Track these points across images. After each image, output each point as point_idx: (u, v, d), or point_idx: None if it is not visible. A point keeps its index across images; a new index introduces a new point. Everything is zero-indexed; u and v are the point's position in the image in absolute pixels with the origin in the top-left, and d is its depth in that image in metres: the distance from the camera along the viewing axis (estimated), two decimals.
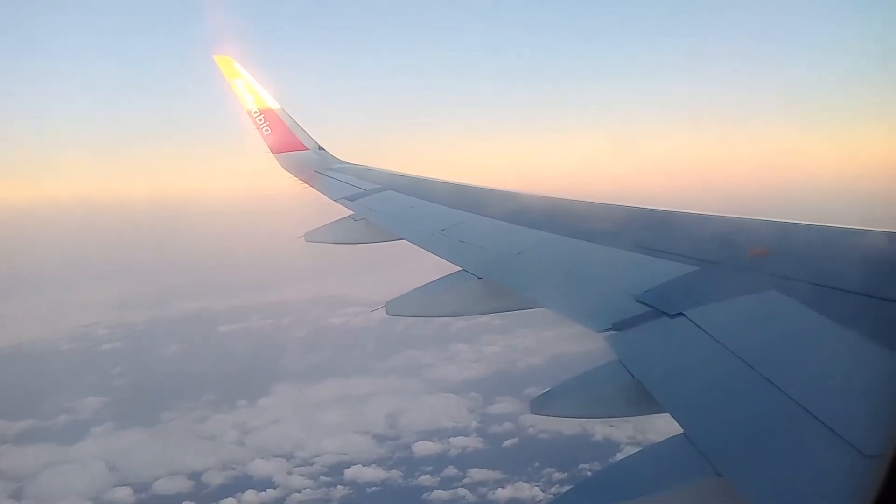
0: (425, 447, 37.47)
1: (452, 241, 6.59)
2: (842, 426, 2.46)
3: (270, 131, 11.26)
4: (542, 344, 50.27)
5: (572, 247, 5.58)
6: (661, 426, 3.32)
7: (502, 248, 6.12)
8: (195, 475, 35.55)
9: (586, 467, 32.08)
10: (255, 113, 11.21)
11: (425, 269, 6.35)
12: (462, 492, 32.95)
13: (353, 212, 8.46)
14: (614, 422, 33.02)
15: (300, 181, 10.47)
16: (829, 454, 2.40)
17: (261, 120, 11.22)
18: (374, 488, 34.04)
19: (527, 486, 32.96)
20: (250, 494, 33.63)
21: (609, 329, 3.90)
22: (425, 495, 32.94)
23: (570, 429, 36.61)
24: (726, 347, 3.29)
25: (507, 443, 37.78)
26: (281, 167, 11.11)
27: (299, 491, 33.92)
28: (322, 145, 11.70)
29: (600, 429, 35.58)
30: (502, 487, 33.00)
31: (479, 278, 5.57)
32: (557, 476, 33.25)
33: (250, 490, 33.97)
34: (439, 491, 33.09)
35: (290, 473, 35.54)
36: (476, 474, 34.26)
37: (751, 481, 2.48)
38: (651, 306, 3.93)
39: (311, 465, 36.29)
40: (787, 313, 3.46)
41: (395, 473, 35.30)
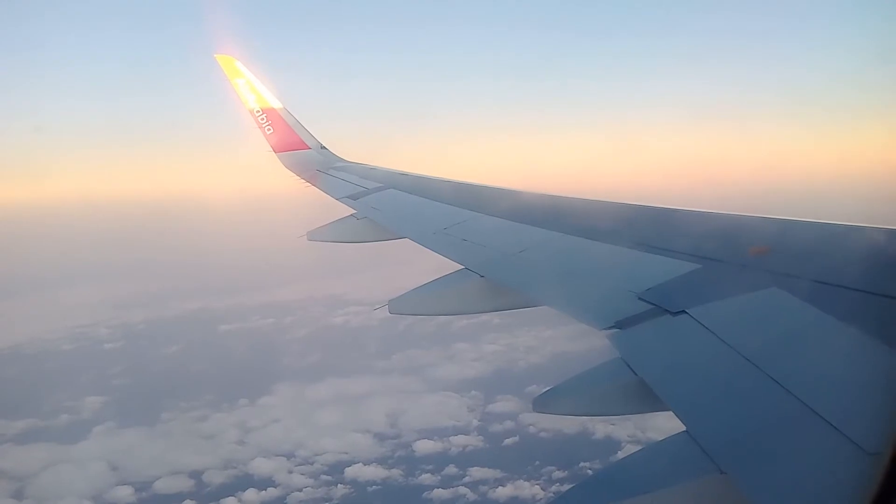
0: (426, 446, 37.49)
1: (454, 239, 6.60)
2: (844, 424, 2.46)
3: (273, 130, 11.27)
4: (543, 342, 50.33)
5: (574, 245, 5.60)
6: (663, 424, 3.34)
7: (504, 246, 6.13)
8: (196, 474, 35.58)
9: (587, 466, 32.11)
10: (258, 112, 11.22)
11: (427, 267, 6.37)
12: (463, 490, 32.99)
13: (355, 210, 8.47)
14: (615, 420, 33.07)
15: (302, 180, 10.49)
16: (831, 452, 2.41)
17: (263, 119, 11.23)
18: (375, 487, 34.08)
19: (527, 484, 32.99)
20: (251, 493, 33.66)
21: (611, 327, 3.91)
22: (426, 494, 32.98)
23: (570, 427, 36.63)
24: (729, 345, 3.30)
25: (507, 441, 37.80)
26: (283, 166, 11.12)
27: (300, 490, 33.95)
28: (324, 144, 11.71)
29: (601, 427, 35.61)
30: (503, 486, 33.03)
31: (482, 277, 5.59)
32: (558, 475, 33.28)
33: (251, 489, 34.01)
34: (440, 489, 33.13)
35: (290, 472, 35.57)
36: (477, 473, 34.28)
37: (753, 479, 2.50)
38: (653, 304, 3.95)
39: (312, 463, 36.32)
40: (790, 311, 3.47)
41: (396, 472, 35.33)
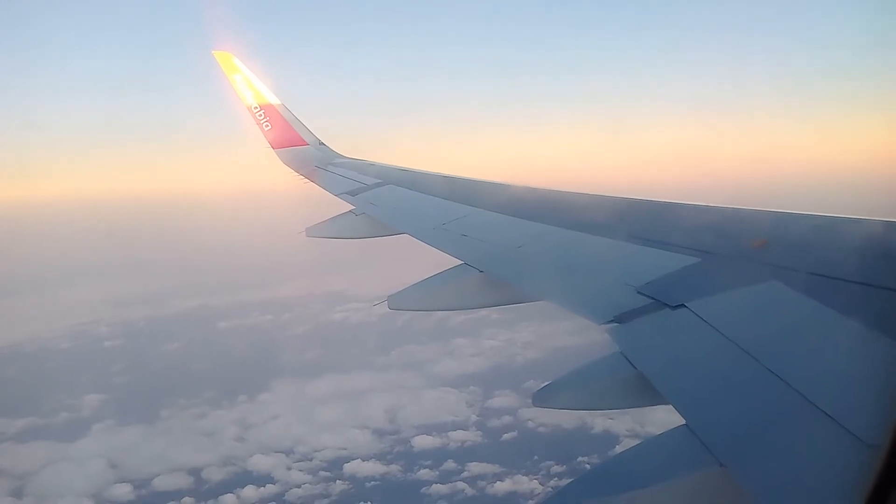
0: (424, 441, 37.57)
1: (453, 234, 6.61)
2: (844, 416, 2.47)
3: (270, 126, 11.25)
4: (541, 338, 50.39)
5: (573, 239, 5.60)
6: (661, 418, 3.35)
7: (503, 241, 6.14)
8: (195, 471, 35.63)
9: (585, 460, 32.21)
10: (255, 108, 11.20)
11: (426, 263, 6.38)
12: (461, 485, 33.07)
13: (353, 206, 8.47)
14: (614, 414, 33.18)
15: (301, 176, 10.48)
16: (830, 444, 2.42)
17: (261, 115, 11.21)
18: (374, 483, 34.15)
19: (525, 479, 33.09)
20: (250, 490, 33.72)
21: (610, 321, 3.92)
22: (424, 489, 33.07)
23: (569, 422, 36.72)
24: (728, 338, 3.31)
25: (506, 436, 37.88)
26: (281, 162, 11.11)
27: (299, 486, 34.02)
28: (322, 140, 11.70)
29: (600, 422, 35.72)
30: (501, 481, 33.12)
31: (481, 272, 5.60)
32: (556, 469, 33.38)
33: (250, 486, 34.07)
34: (438, 485, 33.21)
35: (289, 469, 35.63)
36: (475, 468, 34.37)
37: (753, 472, 2.51)
38: (652, 298, 3.96)
39: (311, 460, 36.38)
40: (789, 303, 3.48)
41: (395, 468, 35.41)
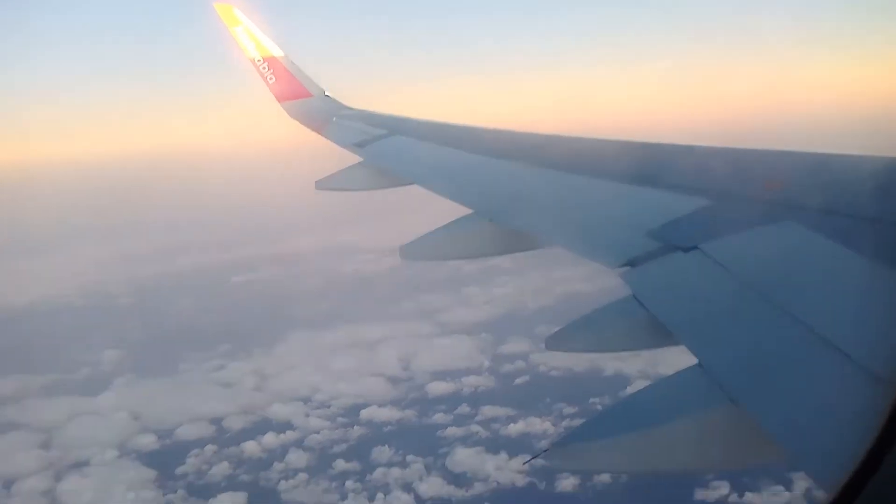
0: (439, 387, 38.25)
1: (463, 183, 6.60)
2: (858, 352, 2.49)
3: (275, 79, 11.10)
4: (553, 284, 50.63)
5: (584, 185, 5.59)
6: (672, 359, 3.41)
7: (513, 188, 6.13)
8: (216, 420, 36.55)
9: (597, 401, 32.75)
10: (259, 61, 11.03)
11: (436, 213, 6.39)
12: (475, 428, 33.79)
13: (362, 158, 8.45)
14: (625, 357, 33.54)
15: (308, 129, 10.41)
16: (844, 380, 2.45)
17: (264, 68, 11.04)
18: (390, 427, 34.96)
19: (538, 420, 33.72)
20: (270, 437, 34.62)
21: (623, 265, 3.95)
22: (440, 432, 33.82)
23: (580, 365, 37.21)
24: (741, 279, 3.32)
25: (518, 380, 38.49)
26: (288, 116, 11.00)
27: (317, 432, 34.88)
28: (328, 92, 11.56)
29: (611, 364, 36.14)
30: (514, 423, 33.79)
31: (491, 220, 5.62)
32: (568, 410, 33.97)
33: (270, 433, 34.96)
34: (453, 428, 33.95)
35: (307, 416, 36.48)
36: (488, 411, 35.04)
37: (766, 408, 2.55)
38: (665, 241, 3.97)
39: (328, 407, 37.20)
40: (804, 243, 3.47)
41: (410, 413, 36.17)
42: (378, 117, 10.13)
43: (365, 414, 36.13)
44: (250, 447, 33.93)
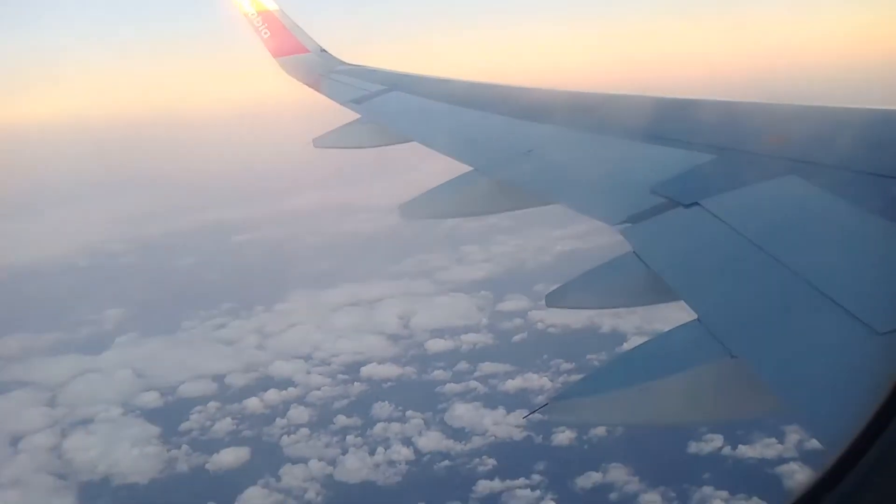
0: (437, 344, 38.62)
1: (462, 140, 6.53)
2: (856, 305, 2.50)
3: (270, 34, 10.87)
4: (552, 242, 50.71)
5: (585, 140, 5.54)
6: (669, 316, 3.43)
7: (513, 144, 6.06)
8: (218, 378, 36.99)
9: (594, 357, 33.09)
10: (253, 15, 10.79)
11: (436, 170, 6.34)
12: (474, 384, 34.23)
13: (360, 115, 8.35)
14: (622, 313, 33.81)
15: (305, 86, 10.25)
16: (843, 333, 2.47)
17: (258, 22, 10.80)
18: (390, 384, 35.42)
19: (535, 376, 34.14)
20: (272, 393, 35.08)
21: (623, 222, 3.94)
22: (438, 388, 34.29)
23: (577, 322, 37.51)
24: (741, 234, 3.32)
25: (516, 338, 38.84)
26: (284, 72, 10.82)
27: (318, 388, 35.35)
28: (324, 47, 11.34)
29: (608, 321, 36.41)
30: (512, 379, 34.22)
31: (491, 177, 5.58)
32: (565, 366, 34.38)
33: (272, 389, 35.42)
34: (452, 384, 34.39)
35: (308, 373, 36.92)
36: (487, 368, 35.45)
37: (766, 361, 2.58)
38: (666, 197, 3.95)
39: (329, 364, 37.62)
40: (805, 198, 3.46)
41: (409, 370, 36.61)
42: (376, 73, 9.96)
43: (365, 371, 36.57)
44: (253, 404, 34.43)
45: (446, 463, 28.89)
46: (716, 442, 27.60)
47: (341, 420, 32.44)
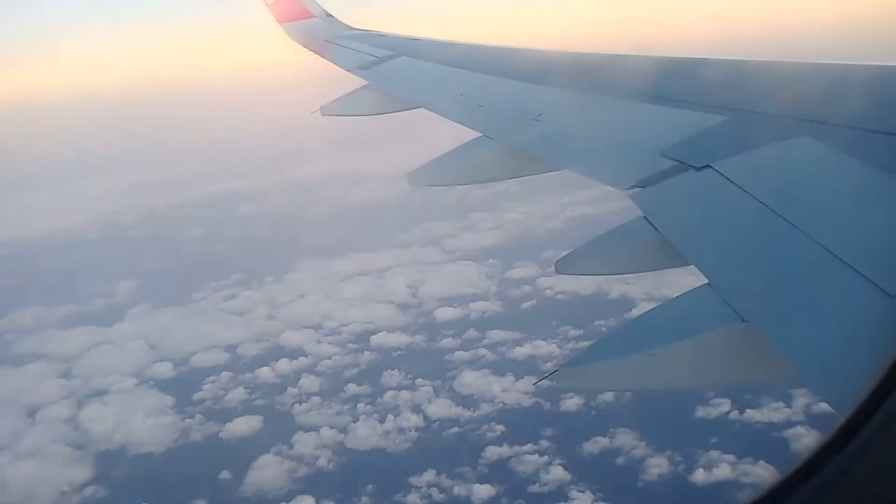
0: (446, 313, 38.76)
1: (471, 105, 6.46)
2: (869, 269, 2.47)
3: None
4: (561, 208, 50.53)
5: (594, 104, 5.46)
6: (679, 281, 3.41)
7: (522, 109, 5.99)
8: (230, 348, 37.37)
9: (602, 324, 33.16)
10: None
11: (444, 136, 6.28)
12: (482, 352, 34.42)
13: (367, 82, 8.25)
14: (631, 279, 33.77)
15: (310, 52, 10.10)
16: (855, 296, 2.45)
17: None
18: (399, 352, 35.67)
19: (544, 343, 34.26)
20: (283, 363, 35.44)
21: (633, 187, 3.90)
22: (447, 356, 34.51)
23: (586, 289, 37.53)
24: (753, 196, 3.27)
25: (525, 305, 38.94)
26: (289, 38, 10.65)
27: (329, 358, 35.66)
28: (329, 12, 11.14)
29: (616, 287, 36.37)
30: (520, 346, 34.36)
31: (500, 143, 5.53)
32: (574, 333, 34.48)
33: (283, 359, 35.77)
34: (461, 352, 34.59)
35: (319, 342, 37.22)
36: (496, 335, 35.60)
37: (776, 326, 2.56)
38: (677, 160, 3.90)
39: (339, 333, 37.89)
40: (818, 159, 3.40)
41: (419, 338, 36.81)
42: (383, 38, 9.81)
43: (375, 340, 36.83)
44: (264, 373, 34.81)
45: (455, 429, 29.22)
46: (723, 406, 27.76)
47: (352, 388, 32.79)
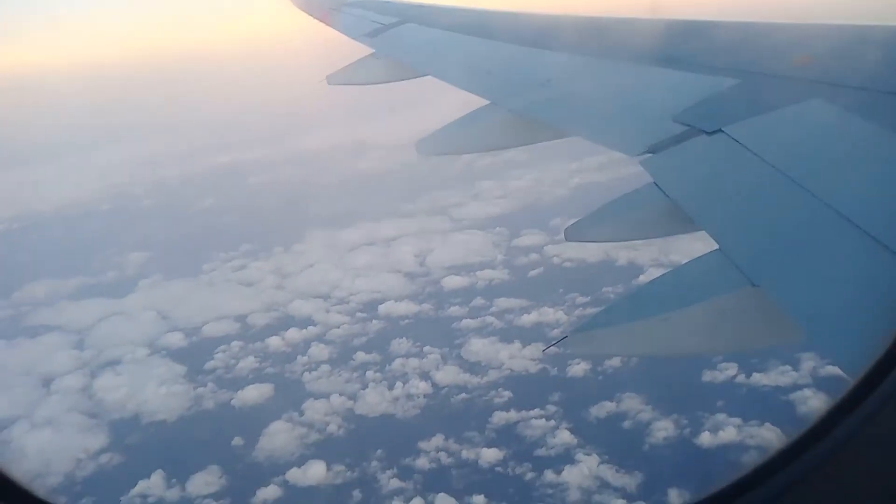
0: (453, 281, 38.87)
1: (479, 73, 6.39)
2: (881, 232, 2.45)
3: None
4: (569, 175, 50.24)
5: (603, 68, 5.39)
6: (687, 247, 3.41)
7: (531, 76, 5.93)
8: (241, 318, 37.70)
9: (610, 290, 33.18)
10: None
11: (452, 104, 6.24)
12: (490, 319, 34.57)
13: (373, 50, 8.17)
14: (638, 245, 33.71)
15: (315, 20, 9.97)
16: (866, 260, 2.44)
17: None
18: (407, 321, 35.88)
19: (551, 310, 34.34)
20: (293, 332, 35.75)
21: (644, 153, 3.87)
22: (455, 324, 34.70)
23: (594, 256, 37.50)
24: (765, 160, 3.24)
25: (532, 273, 38.97)
26: (293, 5, 10.50)
27: (338, 326, 35.93)
28: None
29: (624, 254, 36.31)
30: (528, 313, 34.45)
31: (508, 111, 5.49)
32: (581, 300, 34.55)
33: (293, 328, 36.08)
34: (468, 320, 34.75)
35: (328, 312, 37.48)
36: (503, 303, 35.71)
37: (788, 289, 2.56)
38: (688, 125, 3.86)
39: (348, 303, 38.14)
40: (830, 121, 3.36)
41: (426, 307, 36.99)
42: (389, 4, 9.67)
43: (383, 308, 37.05)
44: (274, 342, 35.15)
45: (463, 396, 29.51)
46: (730, 370, 27.86)
47: (361, 356, 33.09)
